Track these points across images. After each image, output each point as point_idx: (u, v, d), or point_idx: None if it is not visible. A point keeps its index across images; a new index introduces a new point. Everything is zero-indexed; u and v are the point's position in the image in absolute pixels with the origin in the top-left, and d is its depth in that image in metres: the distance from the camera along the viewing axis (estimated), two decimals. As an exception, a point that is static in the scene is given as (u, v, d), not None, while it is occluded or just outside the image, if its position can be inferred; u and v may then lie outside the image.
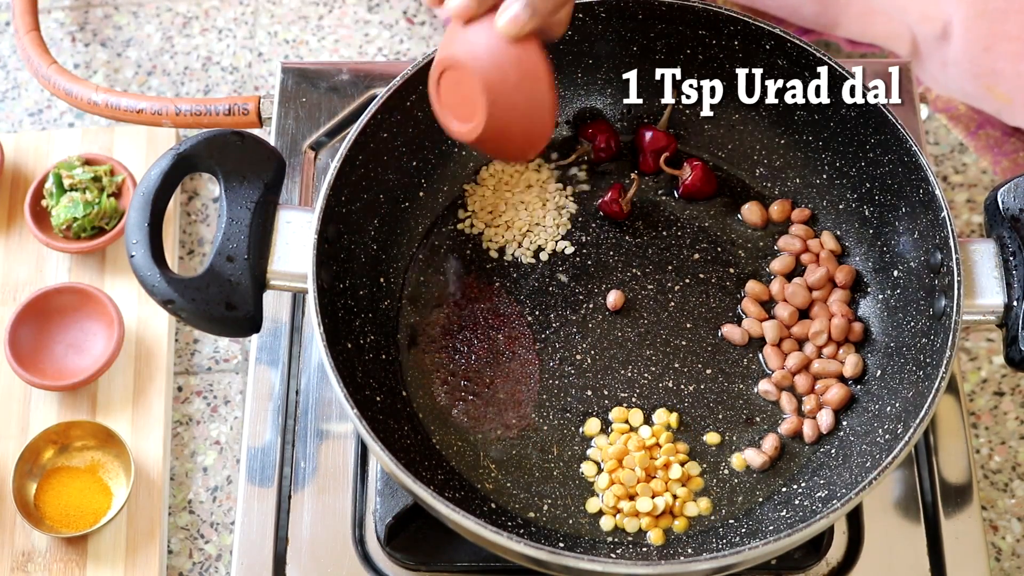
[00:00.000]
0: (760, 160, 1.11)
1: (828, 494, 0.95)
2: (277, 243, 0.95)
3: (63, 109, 1.37)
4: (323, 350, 0.90)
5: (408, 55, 1.40)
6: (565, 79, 1.11)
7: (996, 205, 0.97)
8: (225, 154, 0.95)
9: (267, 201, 0.95)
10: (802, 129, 1.08)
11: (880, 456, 0.92)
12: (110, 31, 1.43)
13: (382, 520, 1.00)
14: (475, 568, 1.01)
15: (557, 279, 1.08)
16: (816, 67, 1.03)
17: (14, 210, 1.28)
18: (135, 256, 0.91)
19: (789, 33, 1.03)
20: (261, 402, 1.08)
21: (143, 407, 1.18)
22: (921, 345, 0.98)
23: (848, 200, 1.07)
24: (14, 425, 1.18)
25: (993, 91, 1.27)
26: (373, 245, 1.04)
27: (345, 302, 0.99)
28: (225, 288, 0.92)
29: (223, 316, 0.91)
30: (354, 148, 0.99)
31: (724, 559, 0.87)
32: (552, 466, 1.00)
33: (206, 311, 0.91)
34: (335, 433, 1.06)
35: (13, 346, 1.18)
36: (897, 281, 1.03)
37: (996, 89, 1.27)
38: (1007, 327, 0.95)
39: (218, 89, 1.39)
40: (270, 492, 1.04)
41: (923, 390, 0.93)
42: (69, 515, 1.12)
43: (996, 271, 0.96)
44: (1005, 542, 1.14)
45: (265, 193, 0.95)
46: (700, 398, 1.02)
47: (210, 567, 1.14)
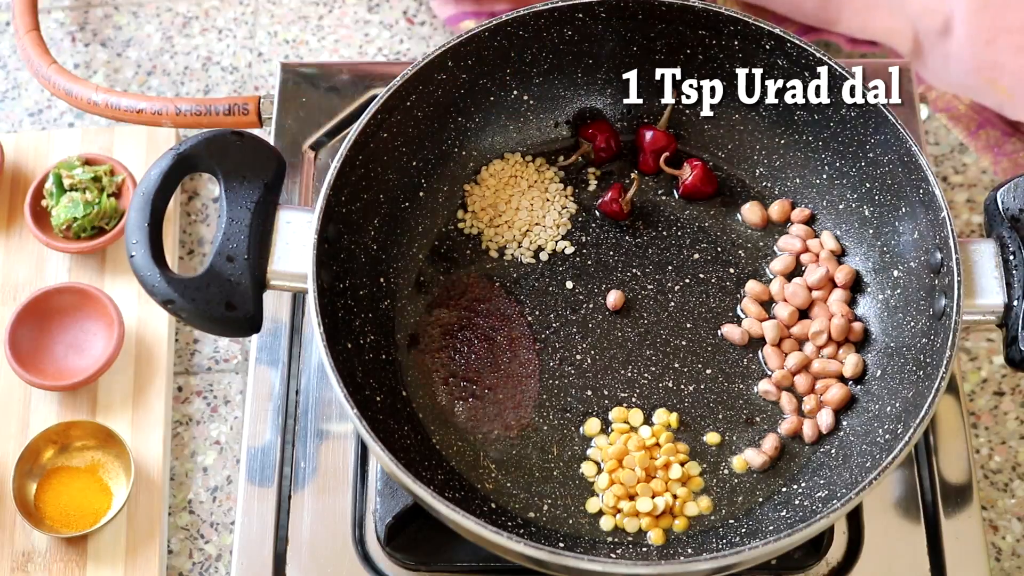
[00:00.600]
0: (760, 160, 1.11)
1: (828, 494, 0.95)
2: (277, 243, 0.95)
3: (63, 109, 1.38)
4: (323, 350, 0.90)
5: (408, 55, 1.40)
6: (565, 79, 1.11)
7: (996, 205, 0.97)
8: (225, 154, 0.95)
9: (267, 201, 0.95)
10: (802, 129, 1.08)
11: (880, 456, 0.92)
12: (110, 31, 1.43)
13: (382, 520, 1.00)
14: (475, 568, 1.01)
15: (557, 279, 1.08)
16: (816, 67, 1.03)
17: (14, 210, 1.28)
18: (135, 256, 0.91)
19: (789, 33, 1.03)
20: (261, 402, 1.08)
21: (143, 407, 1.18)
22: (921, 345, 0.98)
23: (848, 200, 1.07)
24: (14, 425, 1.18)
25: (995, 85, 1.27)
26: (373, 245, 1.04)
27: (345, 302, 0.99)
28: (225, 288, 0.92)
29: (223, 316, 0.91)
30: (354, 148, 0.99)
31: (724, 559, 0.87)
32: (552, 466, 1.00)
33: (206, 311, 0.91)
34: (335, 433, 1.06)
35: (13, 346, 1.18)
36: (897, 281, 1.03)
37: (998, 83, 1.27)
38: (1007, 327, 0.95)
39: (218, 89, 1.39)
40: (270, 492, 1.04)
41: (923, 390, 0.93)
42: (69, 515, 1.12)
43: (996, 271, 0.96)
44: (1005, 542, 1.14)
45: (265, 193, 0.95)
46: (700, 398, 1.02)
47: (210, 567, 1.14)
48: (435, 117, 1.07)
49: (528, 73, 1.10)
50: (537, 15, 1.06)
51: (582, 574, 0.88)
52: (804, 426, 1.01)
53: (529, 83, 1.11)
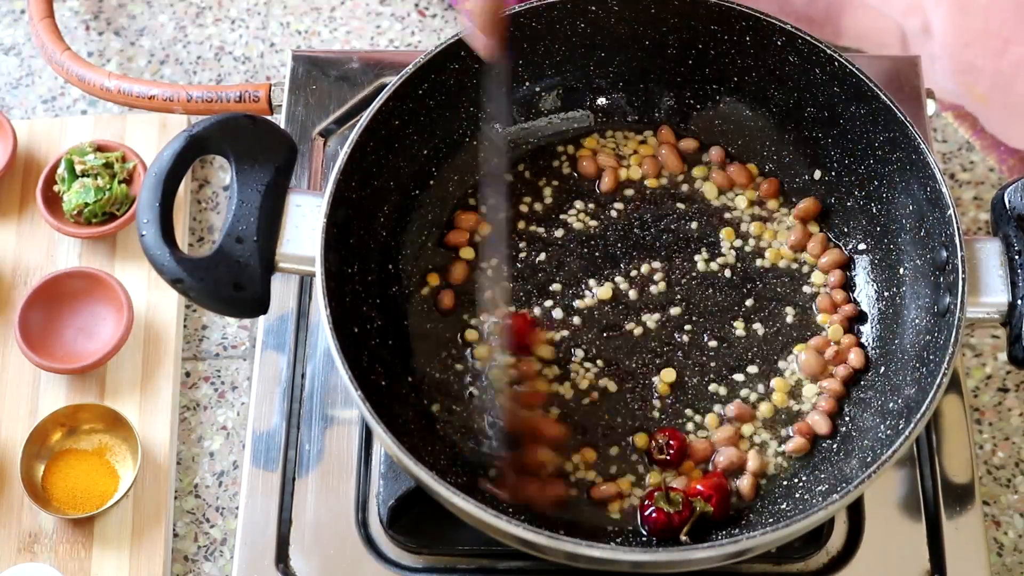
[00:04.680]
0: (770, 156, 1.12)
1: (828, 488, 0.95)
2: (287, 226, 0.96)
3: (76, 96, 1.38)
4: (329, 333, 0.91)
5: (420, 47, 1.40)
6: (578, 71, 1.12)
7: (1003, 204, 0.98)
8: (237, 137, 0.96)
9: (278, 184, 0.96)
10: (811, 126, 1.08)
11: (881, 451, 0.93)
12: (124, 20, 1.44)
13: (385, 503, 1.01)
14: (477, 552, 1.01)
15: (567, 264, 1.08)
16: (827, 64, 1.03)
17: (26, 195, 1.28)
18: (145, 235, 0.92)
19: (800, 30, 1.04)
20: (267, 385, 1.08)
21: (151, 391, 1.19)
22: (924, 342, 0.98)
23: (856, 197, 1.07)
24: (23, 407, 1.19)
25: (972, 91, 1.25)
26: (383, 232, 1.04)
27: (353, 287, 1.00)
28: (234, 268, 0.92)
29: (231, 296, 0.92)
30: (365, 134, 0.99)
31: (723, 548, 0.88)
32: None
33: (215, 291, 0.91)
34: (340, 418, 1.07)
35: (24, 329, 1.19)
36: (903, 278, 1.03)
37: (975, 89, 1.25)
38: (1011, 325, 0.95)
39: (230, 79, 1.40)
40: (274, 475, 1.05)
41: (925, 386, 0.93)
42: (76, 497, 1.13)
43: (1001, 269, 0.96)
44: (1008, 538, 1.14)
45: (276, 176, 0.96)
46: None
47: (215, 551, 1.15)
48: (447, 106, 1.07)
49: (540, 65, 1.11)
50: (550, 7, 1.06)
51: (582, 560, 0.89)
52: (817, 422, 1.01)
53: (542, 75, 1.12)
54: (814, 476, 0.98)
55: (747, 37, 1.06)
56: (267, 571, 1.01)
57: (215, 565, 1.14)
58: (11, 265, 1.25)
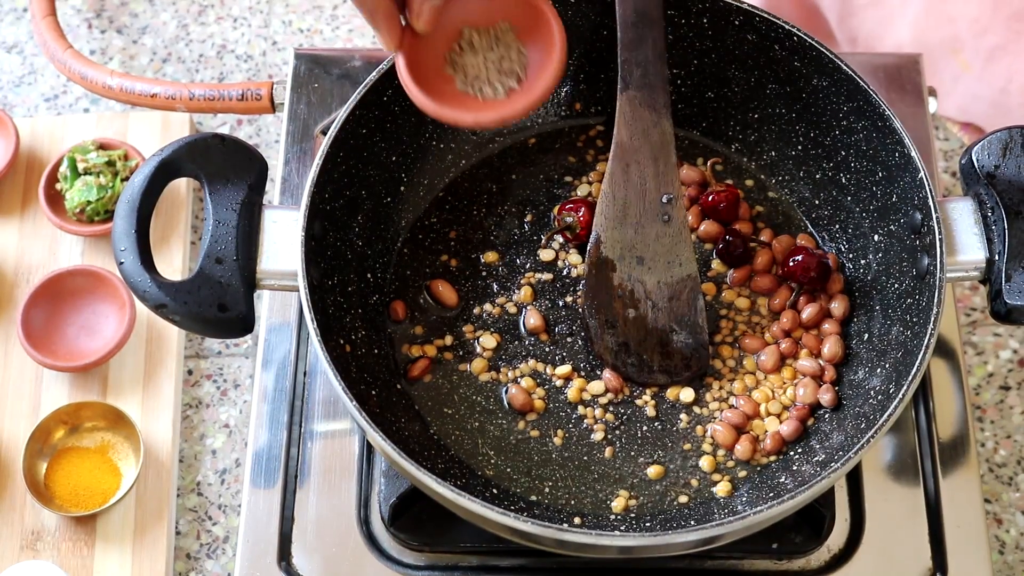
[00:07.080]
0: (735, 136, 1.11)
1: (826, 458, 0.95)
2: (265, 243, 0.95)
3: (79, 94, 1.39)
4: (318, 346, 0.91)
5: (421, 45, 1.40)
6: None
7: (971, 163, 0.98)
8: (208, 158, 0.96)
9: (252, 202, 0.95)
10: (775, 103, 1.08)
11: (875, 416, 0.93)
12: (126, 18, 1.44)
13: (386, 500, 1.01)
14: (478, 549, 1.01)
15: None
16: (786, 40, 1.03)
17: (29, 194, 1.29)
18: (124, 263, 0.91)
19: (756, 8, 1.04)
20: (269, 383, 1.09)
21: (153, 389, 1.19)
22: (907, 306, 0.98)
23: (824, 169, 1.07)
24: (26, 405, 1.19)
25: (958, 56, 1.24)
26: (358, 241, 1.04)
27: (335, 299, 0.99)
28: (216, 290, 0.92)
29: (216, 318, 0.92)
30: (334, 145, 0.99)
31: (721, 528, 0.88)
32: (550, 448, 1.00)
33: (198, 313, 0.91)
34: (342, 417, 1.07)
35: (26, 327, 1.19)
36: (879, 245, 1.03)
37: (960, 55, 1.24)
38: (990, 281, 0.96)
39: (232, 77, 1.40)
40: (277, 473, 1.05)
41: (912, 349, 0.94)
42: (79, 495, 1.13)
43: (976, 227, 0.97)
44: (1009, 535, 1.14)
45: (249, 194, 0.95)
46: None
47: (217, 548, 1.15)
48: (412, 111, 1.07)
49: None
50: None
51: (587, 548, 0.90)
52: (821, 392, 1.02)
53: None
54: (809, 447, 0.99)
55: (704, 20, 1.06)
56: (269, 569, 1.01)
57: (217, 563, 1.14)
58: (13, 263, 1.26)
